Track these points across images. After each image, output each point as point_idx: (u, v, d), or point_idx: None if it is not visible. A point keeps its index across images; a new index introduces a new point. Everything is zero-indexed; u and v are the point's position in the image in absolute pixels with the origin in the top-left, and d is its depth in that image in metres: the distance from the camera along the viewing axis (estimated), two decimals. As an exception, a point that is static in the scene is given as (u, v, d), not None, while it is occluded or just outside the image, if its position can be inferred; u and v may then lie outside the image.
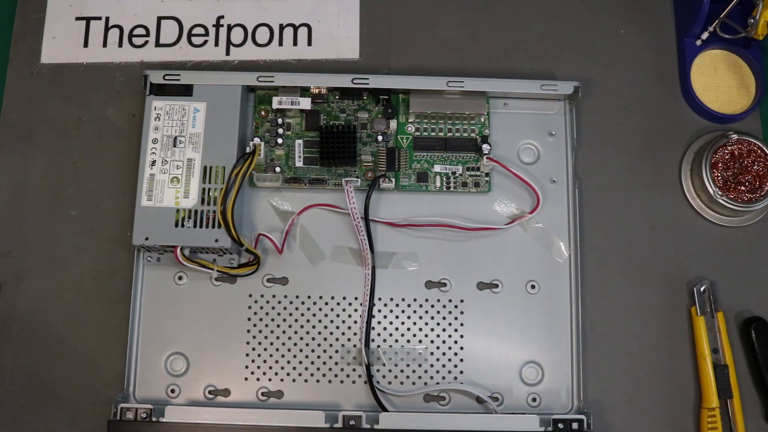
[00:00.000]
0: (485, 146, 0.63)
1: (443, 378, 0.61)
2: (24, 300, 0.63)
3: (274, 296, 0.62)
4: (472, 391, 0.61)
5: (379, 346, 0.61)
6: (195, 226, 0.59)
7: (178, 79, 0.62)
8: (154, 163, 0.61)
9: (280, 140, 0.63)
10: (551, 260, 0.63)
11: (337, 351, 0.61)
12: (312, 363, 0.61)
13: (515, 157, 0.65)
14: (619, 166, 0.66)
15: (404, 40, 0.69)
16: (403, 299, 0.62)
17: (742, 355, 0.62)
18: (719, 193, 0.63)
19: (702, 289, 0.62)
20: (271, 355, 0.61)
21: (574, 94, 0.64)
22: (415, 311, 0.62)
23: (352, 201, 0.62)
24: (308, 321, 0.62)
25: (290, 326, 0.62)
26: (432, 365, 0.61)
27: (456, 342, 0.62)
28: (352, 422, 0.57)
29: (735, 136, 0.64)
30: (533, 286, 0.63)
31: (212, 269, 0.61)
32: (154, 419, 0.57)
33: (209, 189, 0.60)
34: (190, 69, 0.67)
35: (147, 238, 0.59)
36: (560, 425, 0.58)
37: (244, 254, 0.62)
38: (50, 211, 0.64)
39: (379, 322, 0.62)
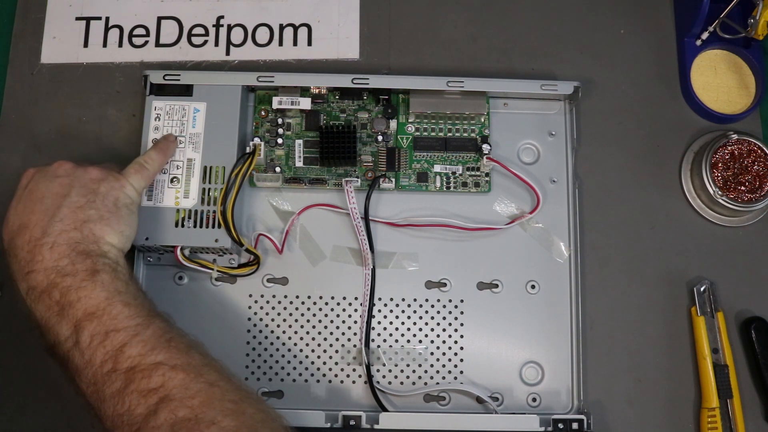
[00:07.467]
0: (485, 146, 0.63)
1: (443, 378, 0.61)
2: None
3: (274, 296, 0.62)
4: (472, 391, 0.61)
5: (379, 346, 0.61)
6: (195, 226, 0.59)
7: (178, 79, 0.62)
8: (154, 163, 0.61)
9: (280, 140, 0.63)
10: (551, 260, 0.63)
11: (337, 351, 0.61)
12: (312, 363, 0.61)
13: (515, 157, 0.65)
14: (619, 166, 0.66)
15: (404, 40, 0.69)
16: (403, 299, 0.62)
17: (742, 355, 0.62)
18: (719, 193, 0.63)
19: (702, 289, 0.62)
20: (271, 355, 0.61)
21: (574, 94, 0.64)
22: (415, 311, 0.62)
23: (352, 201, 0.62)
24: (308, 321, 0.62)
25: (290, 326, 0.62)
26: (432, 365, 0.61)
27: (456, 342, 0.62)
28: (352, 422, 0.57)
29: (735, 136, 0.64)
30: (533, 286, 0.63)
31: (212, 269, 0.61)
32: (154, 419, 0.57)
33: (209, 189, 0.60)
34: (190, 69, 0.67)
35: (147, 238, 0.59)
36: (560, 425, 0.58)
37: (244, 254, 0.62)
38: (50, 211, 0.64)
39: (379, 322, 0.62)
